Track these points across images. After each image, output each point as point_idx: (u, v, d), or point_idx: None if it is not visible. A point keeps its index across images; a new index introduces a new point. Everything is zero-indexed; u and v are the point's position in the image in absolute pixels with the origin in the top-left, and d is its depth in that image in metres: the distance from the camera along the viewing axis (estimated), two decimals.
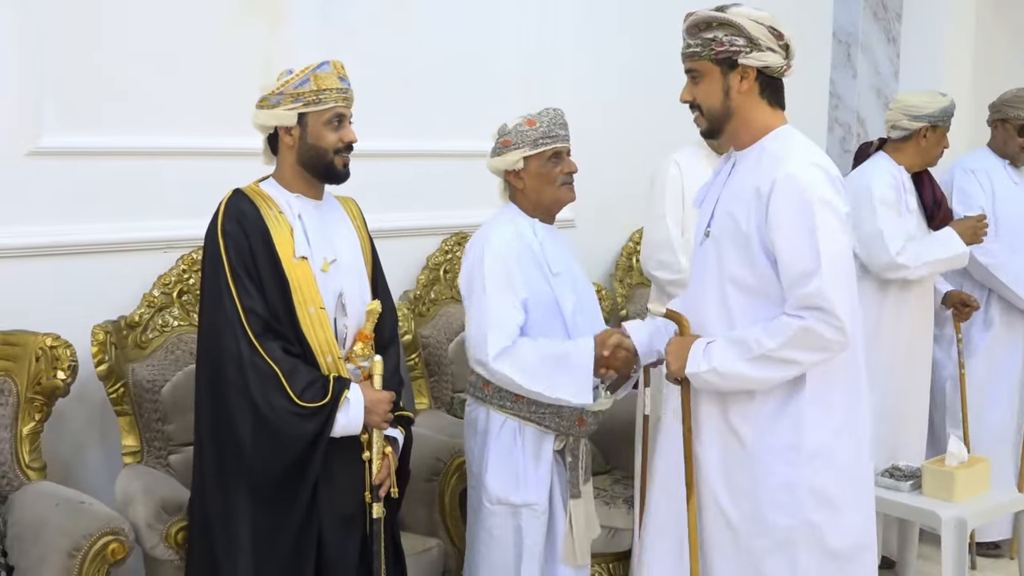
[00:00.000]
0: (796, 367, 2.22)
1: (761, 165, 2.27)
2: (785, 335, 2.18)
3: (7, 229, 2.91)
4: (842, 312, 2.17)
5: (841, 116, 5.26)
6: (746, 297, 2.28)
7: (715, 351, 2.26)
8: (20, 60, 2.88)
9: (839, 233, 2.22)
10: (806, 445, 2.26)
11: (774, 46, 2.32)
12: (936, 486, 3.38)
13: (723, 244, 2.30)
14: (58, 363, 2.77)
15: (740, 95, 2.30)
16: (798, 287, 2.18)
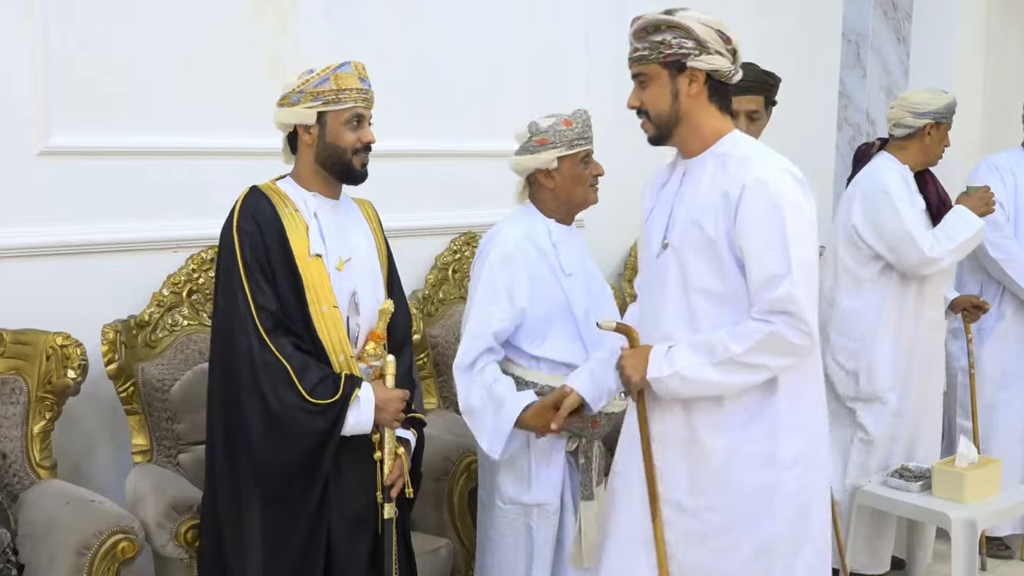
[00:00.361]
0: (763, 372, 2.19)
1: (727, 170, 2.23)
2: (752, 340, 2.15)
3: (18, 229, 2.92)
4: (809, 317, 2.15)
5: (851, 116, 5.25)
6: (715, 306, 2.24)
7: (678, 355, 2.22)
8: (31, 60, 2.89)
9: (808, 238, 2.21)
10: (782, 452, 2.24)
11: (722, 50, 2.26)
12: (946, 487, 3.37)
13: (686, 254, 2.26)
14: (68, 362, 2.78)
15: (689, 99, 2.26)
16: (767, 291, 2.15)
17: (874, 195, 3.60)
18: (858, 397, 3.70)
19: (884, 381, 3.66)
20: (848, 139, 5.25)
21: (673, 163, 2.40)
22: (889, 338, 3.65)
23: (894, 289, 3.64)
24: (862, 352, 3.67)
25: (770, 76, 3.19)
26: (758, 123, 3.19)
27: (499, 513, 2.77)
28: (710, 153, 2.29)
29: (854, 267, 3.67)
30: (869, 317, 3.65)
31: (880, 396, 3.67)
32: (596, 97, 4.12)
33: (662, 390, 2.25)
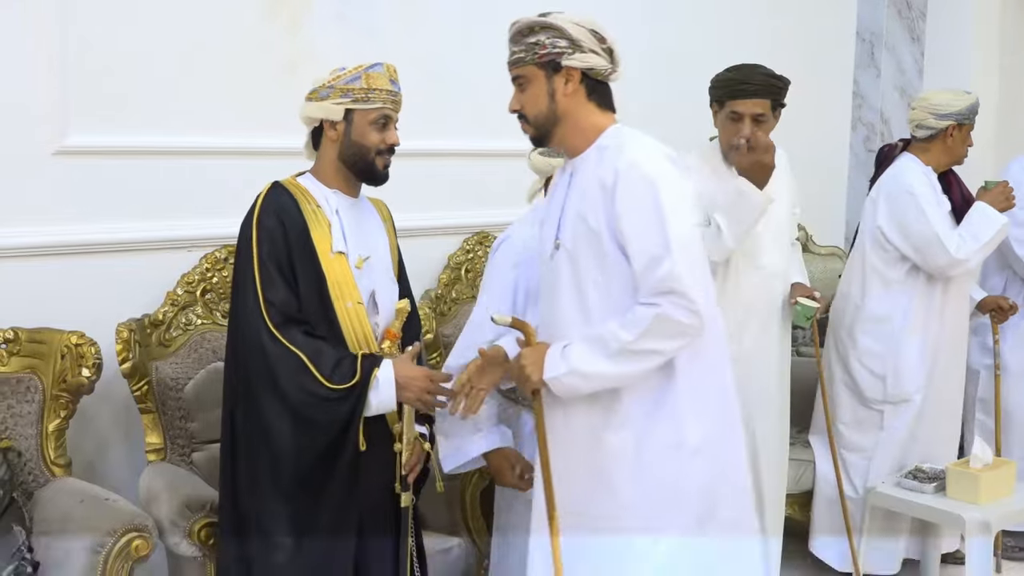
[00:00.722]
0: (657, 356, 2.18)
1: (603, 160, 2.25)
2: (641, 325, 2.14)
3: (33, 228, 2.93)
4: (695, 294, 2.14)
5: (865, 115, 5.23)
6: (606, 298, 2.23)
7: (573, 352, 2.21)
8: (46, 60, 2.91)
9: (686, 216, 2.22)
10: (688, 441, 2.24)
11: (597, 49, 2.28)
12: (960, 488, 3.36)
13: (578, 251, 2.26)
14: (83, 361, 2.79)
15: (566, 98, 2.28)
16: (649, 273, 2.15)
17: (899, 197, 3.60)
18: (886, 400, 3.70)
19: (912, 383, 3.66)
20: (862, 139, 5.24)
21: (564, 165, 2.42)
22: (916, 339, 3.66)
23: (921, 290, 3.65)
24: (889, 355, 3.67)
25: (777, 79, 3.18)
26: (765, 126, 3.16)
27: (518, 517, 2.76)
28: (593, 148, 2.30)
29: (882, 268, 3.67)
30: (896, 319, 3.66)
31: (908, 398, 3.67)
32: None
33: (560, 389, 2.24)
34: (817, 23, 5.03)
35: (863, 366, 3.72)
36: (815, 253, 5.02)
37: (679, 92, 4.14)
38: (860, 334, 3.72)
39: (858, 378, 3.73)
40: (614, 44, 2.33)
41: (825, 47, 5.09)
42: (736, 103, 3.14)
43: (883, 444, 3.70)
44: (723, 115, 3.21)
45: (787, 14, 4.85)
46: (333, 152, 2.51)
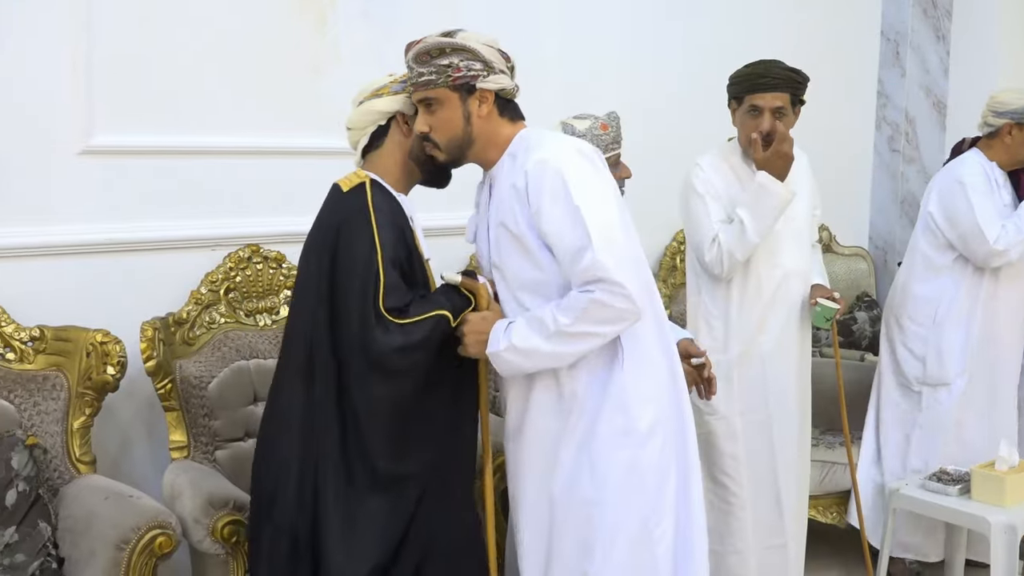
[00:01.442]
0: (595, 339, 2.21)
1: (515, 164, 2.26)
2: (576, 310, 2.18)
3: (59, 227, 2.96)
4: (623, 279, 2.16)
5: (889, 115, 5.19)
6: (544, 299, 2.26)
7: (513, 330, 2.25)
8: (72, 60, 2.93)
9: (603, 203, 2.22)
10: (638, 426, 2.28)
11: (504, 68, 2.30)
12: (986, 490, 3.32)
13: (503, 257, 2.31)
14: (108, 359, 2.81)
15: (481, 120, 2.28)
16: (576, 265, 2.17)
17: (950, 186, 3.66)
18: (925, 381, 3.74)
19: (953, 367, 3.69)
20: (886, 139, 5.20)
21: (483, 180, 2.43)
22: (961, 326, 3.68)
23: (969, 278, 3.68)
24: (931, 338, 3.72)
25: (797, 73, 3.16)
26: (785, 121, 3.15)
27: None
28: (506, 156, 2.32)
29: (930, 253, 3.73)
30: (942, 304, 3.71)
31: (947, 382, 3.70)
32: (626, 98, 4.11)
33: (501, 365, 2.28)
34: (841, 22, 5.00)
35: (906, 348, 3.78)
36: (838, 254, 4.99)
37: (702, 89, 4.14)
38: (905, 317, 3.79)
39: (900, 360, 3.79)
40: (514, 61, 2.35)
41: (849, 46, 5.06)
42: (755, 97, 3.13)
43: (921, 428, 3.73)
44: (742, 111, 3.19)
45: (811, 13, 4.83)
46: (401, 151, 2.42)
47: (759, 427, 3.24)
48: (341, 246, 2.29)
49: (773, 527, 3.27)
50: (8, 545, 2.51)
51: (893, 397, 3.84)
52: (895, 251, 5.05)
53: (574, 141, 2.30)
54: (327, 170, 2.59)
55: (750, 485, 3.24)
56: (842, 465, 3.85)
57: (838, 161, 4.84)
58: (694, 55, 4.38)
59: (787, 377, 3.28)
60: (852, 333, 4.71)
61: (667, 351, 2.38)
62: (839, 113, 4.93)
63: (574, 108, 2.95)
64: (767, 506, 3.26)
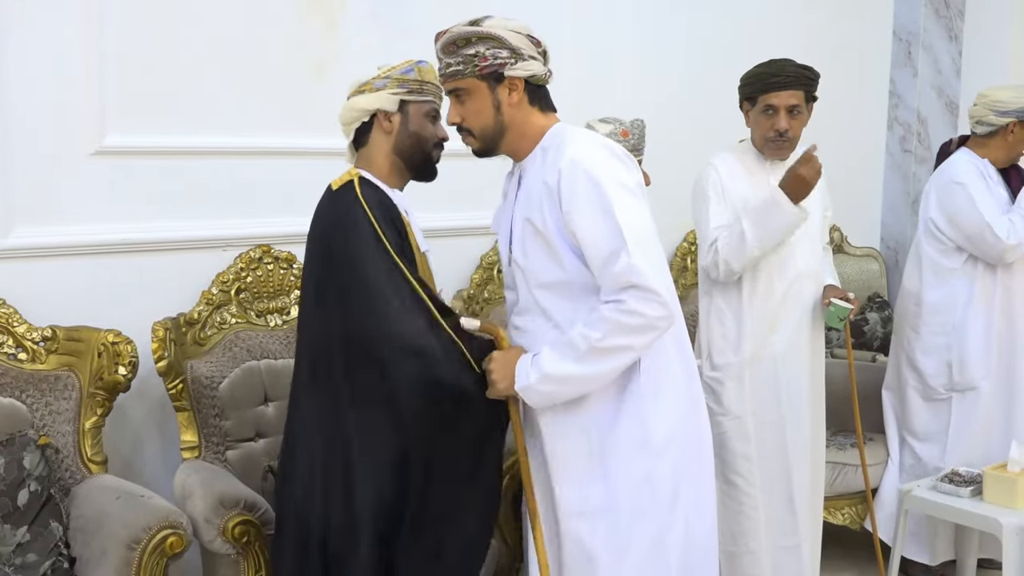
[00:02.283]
0: (629, 352, 2.13)
1: (546, 160, 2.21)
2: (608, 323, 2.09)
3: (70, 228, 2.97)
4: (658, 285, 2.09)
5: (901, 115, 5.18)
6: (564, 299, 2.21)
7: (540, 360, 2.17)
8: (85, 61, 2.94)
9: (636, 206, 2.15)
10: (654, 439, 2.22)
11: (535, 54, 2.24)
12: (998, 492, 3.31)
13: (529, 256, 2.25)
14: (119, 359, 2.82)
15: (512, 108, 2.24)
16: (608, 268, 2.10)
17: (949, 188, 3.65)
18: (953, 388, 3.73)
19: (978, 370, 3.69)
20: (898, 139, 5.19)
21: (512, 171, 2.38)
22: (979, 327, 3.67)
23: (981, 278, 3.67)
24: (954, 344, 3.70)
25: (809, 70, 3.17)
26: (799, 118, 3.17)
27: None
28: (538, 149, 2.27)
29: (938, 259, 3.71)
30: (957, 308, 3.69)
31: (975, 385, 3.70)
32: (642, 99, 4.11)
33: (533, 399, 2.21)
34: (853, 22, 4.99)
35: (927, 357, 3.76)
36: (850, 254, 4.98)
37: (712, 89, 4.13)
38: (922, 326, 3.77)
39: (923, 369, 3.77)
40: (547, 47, 2.30)
41: (861, 46, 5.04)
42: (770, 96, 3.13)
43: (955, 435, 3.72)
44: (756, 111, 3.20)
45: (823, 13, 4.82)
46: (387, 146, 2.44)
47: (772, 427, 3.24)
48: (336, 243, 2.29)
49: (786, 527, 3.27)
50: (20, 545, 2.52)
51: (920, 408, 3.81)
52: (906, 252, 5.00)
53: (606, 140, 2.24)
54: (338, 170, 2.59)
55: (762, 485, 3.24)
56: (853, 467, 3.84)
57: (850, 161, 4.83)
58: (704, 55, 4.38)
59: (800, 378, 3.27)
60: (864, 334, 4.70)
61: (685, 359, 2.33)
62: (851, 113, 4.92)
63: (585, 105, 2.95)
64: (780, 506, 3.26)
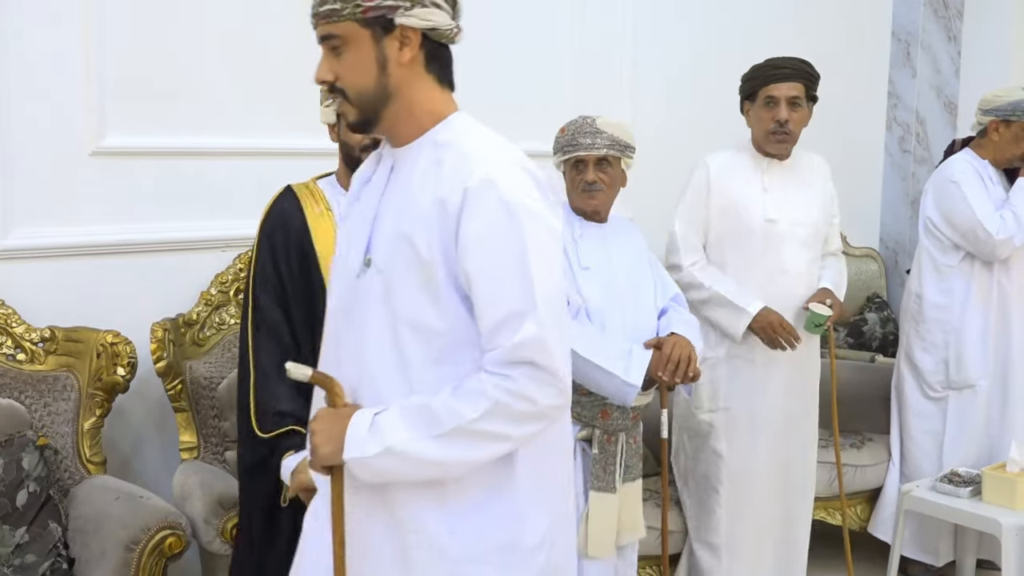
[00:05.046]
0: (504, 443, 1.64)
1: (444, 167, 1.66)
2: (488, 402, 1.59)
3: (71, 228, 2.97)
4: (560, 366, 1.63)
5: (900, 116, 5.17)
6: (429, 347, 1.66)
7: (387, 425, 1.62)
8: (84, 62, 2.94)
9: (555, 259, 1.68)
10: (525, 540, 1.72)
11: (440, 0, 1.71)
12: (997, 493, 3.31)
13: (394, 275, 1.67)
14: (118, 360, 2.82)
15: (402, 68, 1.68)
16: (504, 334, 1.60)
17: (944, 186, 3.67)
18: (950, 386, 3.74)
19: (974, 368, 3.69)
20: (897, 139, 5.18)
21: (379, 153, 1.84)
22: (977, 325, 3.68)
23: (979, 275, 3.68)
24: (952, 341, 3.71)
25: (808, 65, 3.18)
26: (799, 112, 3.17)
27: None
28: (426, 140, 1.72)
29: (937, 256, 3.73)
30: (955, 305, 3.70)
31: (972, 384, 3.70)
32: (642, 98, 4.12)
33: (365, 473, 1.64)
34: (852, 22, 4.99)
35: (926, 354, 3.77)
36: (849, 255, 4.97)
37: (709, 90, 4.13)
38: (921, 323, 3.78)
39: (921, 367, 3.78)
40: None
41: (860, 46, 5.04)
42: (771, 88, 3.14)
43: (952, 434, 3.72)
44: (757, 105, 3.20)
45: (822, 13, 4.82)
46: (340, 154, 2.51)
47: (743, 426, 3.25)
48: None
49: (749, 526, 3.28)
50: (19, 545, 2.52)
51: (917, 406, 3.81)
52: (906, 252, 5.03)
53: (521, 155, 1.72)
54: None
55: (729, 483, 3.25)
56: (851, 467, 3.84)
57: (849, 162, 4.82)
58: (703, 55, 4.37)
59: (778, 379, 3.26)
60: (863, 334, 4.70)
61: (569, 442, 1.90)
62: (850, 114, 4.92)
63: (588, 108, 2.94)
64: (748, 505, 3.27)
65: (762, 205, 3.21)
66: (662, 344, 2.70)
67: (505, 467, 1.70)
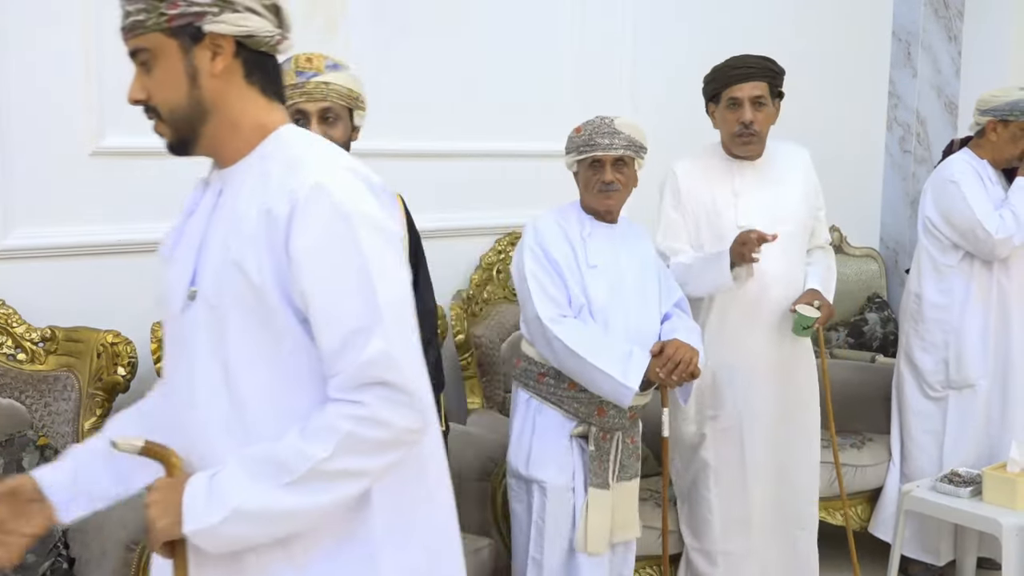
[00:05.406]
0: (362, 479, 1.46)
1: (269, 180, 1.49)
2: (339, 435, 1.42)
3: (71, 228, 2.97)
4: (414, 382, 1.47)
5: (900, 116, 5.17)
6: (271, 386, 1.48)
7: (227, 486, 1.43)
8: (84, 62, 2.94)
9: (398, 268, 1.52)
10: None
11: (256, 5, 1.53)
12: (997, 493, 3.31)
13: (224, 308, 1.49)
14: (118, 359, 2.82)
15: (216, 80, 1.52)
16: (347, 354, 1.43)
17: (942, 186, 3.66)
18: (950, 386, 3.73)
19: (974, 368, 3.69)
20: (897, 139, 5.19)
21: (204, 180, 1.68)
22: (976, 324, 3.68)
23: (978, 275, 3.68)
24: (952, 341, 3.71)
25: (770, 61, 3.10)
26: (766, 111, 3.09)
27: (509, 490, 2.87)
28: (254, 156, 1.56)
29: (937, 256, 3.72)
30: (954, 305, 3.70)
31: (972, 383, 3.70)
32: (642, 99, 4.13)
33: (213, 544, 1.45)
34: (852, 22, 4.99)
35: (926, 354, 3.77)
36: (849, 255, 4.98)
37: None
38: (921, 323, 3.78)
39: (921, 366, 3.78)
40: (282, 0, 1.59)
41: (860, 46, 5.04)
42: (733, 89, 3.07)
43: (952, 434, 3.72)
44: (721, 107, 3.13)
45: (822, 13, 4.82)
46: None
47: (729, 435, 3.21)
48: None
49: (740, 534, 3.25)
50: None
51: (917, 406, 3.81)
52: (906, 252, 5.03)
53: (355, 162, 1.56)
54: None
55: (718, 491, 3.23)
56: (851, 467, 3.84)
57: (849, 162, 4.83)
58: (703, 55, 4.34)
59: (765, 384, 3.20)
60: (863, 334, 4.70)
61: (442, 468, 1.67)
62: (850, 113, 4.92)
63: (589, 107, 2.95)
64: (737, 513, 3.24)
65: (734, 210, 3.13)
66: (664, 347, 2.71)
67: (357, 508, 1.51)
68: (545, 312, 2.69)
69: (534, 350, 2.81)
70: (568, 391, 2.77)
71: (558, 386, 2.78)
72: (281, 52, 1.61)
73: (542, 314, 2.68)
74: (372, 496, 1.51)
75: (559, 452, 2.78)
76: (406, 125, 3.55)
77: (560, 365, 2.72)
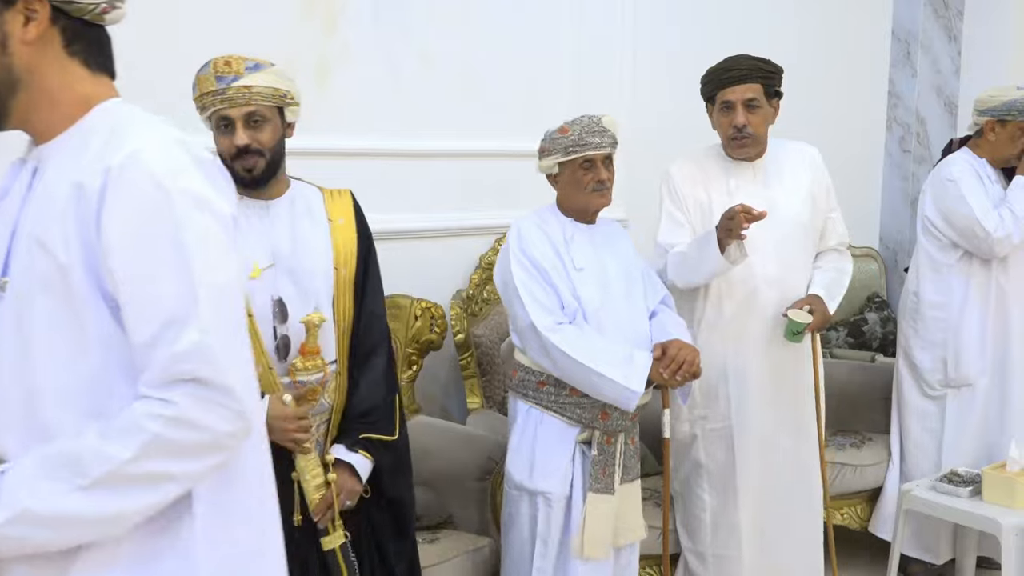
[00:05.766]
0: (169, 484, 1.32)
1: (86, 151, 1.36)
2: (144, 435, 1.28)
3: None
4: (233, 382, 1.33)
5: (900, 115, 5.18)
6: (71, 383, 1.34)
7: (18, 483, 1.29)
8: None
9: (225, 252, 1.37)
10: None
11: None
12: (996, 492, 3.31)
13: (27, 294, 1.35)
14: None
15: (28, 47, 1.38)
16: (159, 347, 1.30)
17: (941, 185, 3.66)
18: (948, 385, 3.74)
19: (973, 367, 3.69)
20: (897, 139, 5.19)
21: (22, 158, 1.50)
22: (975, 323, 3.68)
23: (977, 274, 3.68)
24: (950, 340, 3.71)
25: (766, 63, 3.06)
26: (759, 112, 3.05)
27: (508, 499, 2.82)
28: (75, 131, 1.41)
29: (936, 255, 3.72)
30: (953, 304, 3.70)
31: (971, 382, 3.70)
32: (642, 97, 4.13)
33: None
34: (852, 22, 4.99)
35: (924, 352, 3.77)
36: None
37: None
38: (919, 322, 3.78)
39: (920, 365, 3.78)
40: None
41: (860, 46, 5.05)
42: (726, 92, 3.04)
43: (951, 433, 3.72)
44: (716, 109, 3.10)
45: (822, 13, 4.83)
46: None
47: (720, 437, 3.20)
48: None
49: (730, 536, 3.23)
50: None
51: (916, 405, 3.81)
52: (905, 252, 5.04)
53: (182, 136, 1.43)
54: (336, 170, 2.60)
55: (710, 492, 3.23)
56: (851, 467, 3.84)
57: (849, 161, 4.83)
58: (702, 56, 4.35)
59: (759, 388, 3.17)
60: (863, 334, 4.71)
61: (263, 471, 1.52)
62: (850, 113, 4.92)
63: (587, 107, 2.95)
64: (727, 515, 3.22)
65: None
66: (667, 349, 2.70)
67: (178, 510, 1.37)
68: (540, 321, 2.66)
69: (528, 358, 2.79)
70: (570, 397, 2.75)
71: (559, 393, 2.76)
72: (110, 22, 1.51)
73: (538, 323, 2.66)
74: (193, 498, 1.37)
75: (563, 462, 2.76)
76: (406, 125, 3.56)
77: (560, 373, 2.70)
